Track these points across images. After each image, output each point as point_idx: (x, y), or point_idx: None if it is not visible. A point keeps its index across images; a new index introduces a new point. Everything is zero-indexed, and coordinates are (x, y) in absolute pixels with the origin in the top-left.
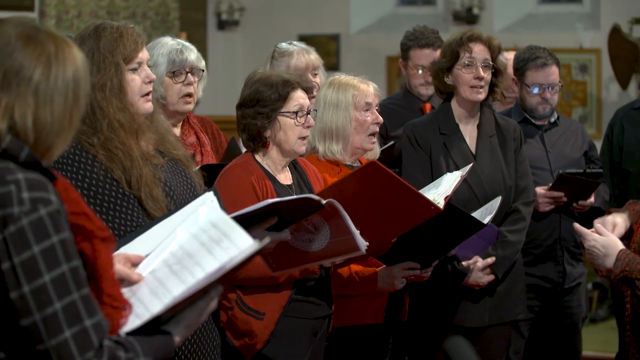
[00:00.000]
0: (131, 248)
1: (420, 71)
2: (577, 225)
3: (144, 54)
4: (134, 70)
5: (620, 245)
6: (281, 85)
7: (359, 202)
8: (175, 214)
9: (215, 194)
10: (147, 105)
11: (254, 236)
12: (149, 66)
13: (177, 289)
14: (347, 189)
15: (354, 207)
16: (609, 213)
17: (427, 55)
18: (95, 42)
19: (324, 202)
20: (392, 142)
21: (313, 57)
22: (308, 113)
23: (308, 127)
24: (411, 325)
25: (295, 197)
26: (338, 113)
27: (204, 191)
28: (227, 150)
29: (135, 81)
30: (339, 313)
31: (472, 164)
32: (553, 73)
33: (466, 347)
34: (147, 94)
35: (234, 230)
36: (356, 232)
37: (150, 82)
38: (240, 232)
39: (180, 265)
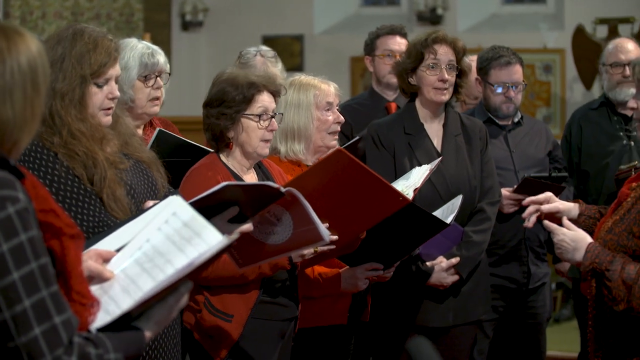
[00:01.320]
0: (100, 247)
1: (389, 56)
2: (546, 222)
3: (114, 70)
4: (100, 85)
5: (589, 239)
6: (247, 87)
7: (327, 193)
8: (142, 215)
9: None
10: (106, 119)
11: (216, 227)
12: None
13: (147, 286)
14: (313, 180)
15: (322, 198)
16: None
17: (396, 42)
18: (69, 47)
19: (283, 190)
20: (356, 138)
21: (273, 71)
22: (273, 116)
23: (272, 130)
24: (374, 326)
25: (253, 182)
26: (300, 113)
27: (171, 193)
28: (157, 143)
29: (98, 96)
30: (302, 314)
31: (440, 158)
32: (516, 72)
33: (427, 347)
34: (108, 109)
35: (204, 227)
36: (318, 222)
37: (113, 98)
38: (210, 228)
39: (152, 264)
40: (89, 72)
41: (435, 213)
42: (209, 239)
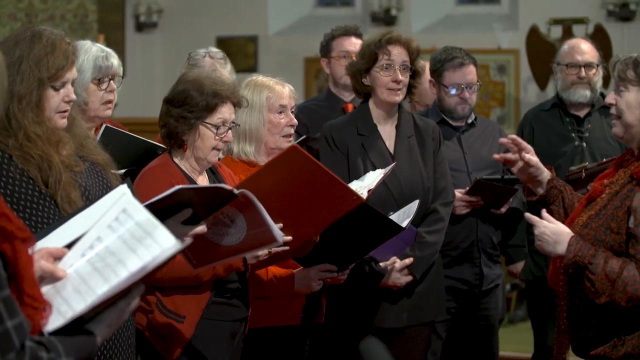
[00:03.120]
0: (47, 242)
1: (345, 57)
2: (527, 214)
3: (71, 74)
4: (56, 88)
5: (570, 233)
6: (211, 95)
7: (281, 192)
8: (90, 207)
9: (129, 186)
10: (62, 122)
11: (169, 229)
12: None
13: (100, 288)
14: (267, 178)
15: (275, 197)
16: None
17: (351, 42)
18: (27, 50)
19: (236, 192)
20: (303, 137)
21: (222, 72)
22: (230, 128)
23: (226, 142)
24: (329, 327)
25: (206, 185)
26: (252, 114)
27: (121, 183)
28: (104, 139)
29: (55, 99)
30: (256, 314)
31: (394, 163)
32: (470, 72)
33: (380, 348)
34: (64, 111)
35: (156, 228)
36: (272, 223)
37: (69, 101)
38: (163, 231)
39: (103, 263)
40: (46, 76)
41: (391, 216)
42: (162, 242)
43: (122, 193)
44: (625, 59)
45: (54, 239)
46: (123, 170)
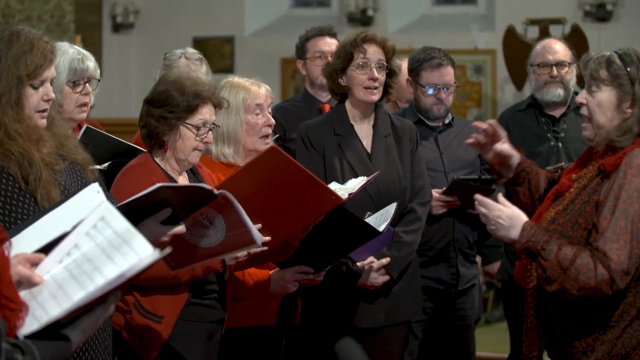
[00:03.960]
0: (21, 240)
1: (320, 57)
2: (478, 196)
3: (50, 72)
4: (35, 87)
5: (525, 217)
6: (192, 96)
7: (259, 193)
8: (63, 205)
9: (101, 184)
10: (42, 122)
11: (148, 229)
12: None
13: (76, 294)
14: (246, 179)
15: (254, 198)
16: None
17: (326, 43)
18: (5, 49)
19: (216, 192)
20: (277, 136)
21: (197, 73)
22: (210, 129)
23: (206, 142)
24: (305, 327)
25: (187, 184)
26: (229, 116)
27: (93, 180)
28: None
29: (34, 97)
30: (232, 314)
31: (378, 172)
32: (448, 73)
33: (355, 348)
34: (44, 110)
35: (134, 237)
36: (251, 225)
37: (48, 100)
38: (141, 240)
39: (80, 270)
40: (25, 74)
41: (368, 220)
42: (139, 250)
43: (91, 190)
44: (597, 57)
45: (27, 236)
46: (107, 163)
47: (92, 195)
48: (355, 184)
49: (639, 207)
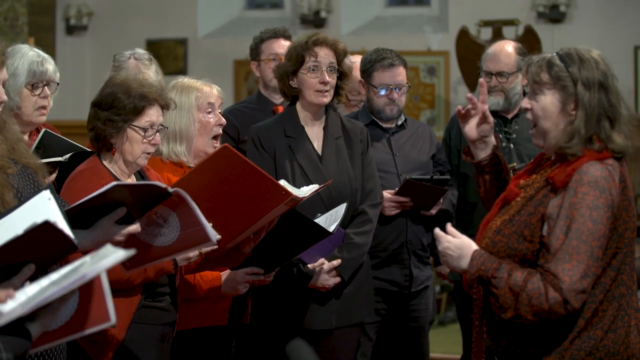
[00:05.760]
0: None
1: (274, 59)
2: (436, 230)
3: (1, 74)
4: None
5: (474, 246)
6: (139, 98)
7: (212, 192)
8: (15, 211)
9: (52, 191)
10: None
11: (102, 229)
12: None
13: (31, 289)
14: (199, 179)
15: (207, 197)
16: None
17: (280, 45)
18: None
19: (170, 190)
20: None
21: (144, 77)
22: (158, 131)
23: (154, 144)
24: (255, 328)
25: (141, 182)
26: (181, 115)
27: (42, 189)
28: (42, 143)
29: None
30: (183, 315)
31: (330, 181)
32: (400, 74)
33: (306, 350)
34: None
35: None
36: (205, 222)
37: (0, 103)
38: (110, 248)
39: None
40: None
41: (318, 220)
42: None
43: (42, 196)
44: (538, 60)
45: None
46: (68, 155)
47: (44, 202)
48: (306, 190)
49: (592, 225)
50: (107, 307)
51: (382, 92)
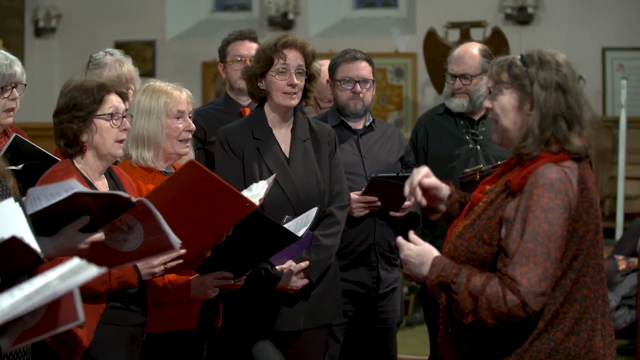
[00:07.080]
0: None
1: (239, 61)
2: (398, 239)
3: None
4: None
5: (435, 253)
6: (96, 89)
7: (179, 205)
8: None
9: (17, 200)
10: None
11: (66, 236)
12: None
13: (4, 300)
14: (167, 193)
15: (172, 212)
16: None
17: (245, 47)
18: None
19: (134, 200)
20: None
21: (126, 69)
22: (124, 116)
23: (124, 130)
24: (226, 331)
25: (104, 192)
26: (150, 120)
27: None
28: (12, 149)
29: None
30: (153, 319)
31: (274, 175)
32: (364, 68)
33: (271, 351)
34: None
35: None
36: (169, 230)
37: None
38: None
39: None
40: None
41: (289, 224)
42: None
43: (7, 204)
44: (500, 61)
45: None
46: (22, 165)
47: (11, 206)
48: (260, 188)
49: (548, 227)
50: (75, 306)
51: (345, 86)
